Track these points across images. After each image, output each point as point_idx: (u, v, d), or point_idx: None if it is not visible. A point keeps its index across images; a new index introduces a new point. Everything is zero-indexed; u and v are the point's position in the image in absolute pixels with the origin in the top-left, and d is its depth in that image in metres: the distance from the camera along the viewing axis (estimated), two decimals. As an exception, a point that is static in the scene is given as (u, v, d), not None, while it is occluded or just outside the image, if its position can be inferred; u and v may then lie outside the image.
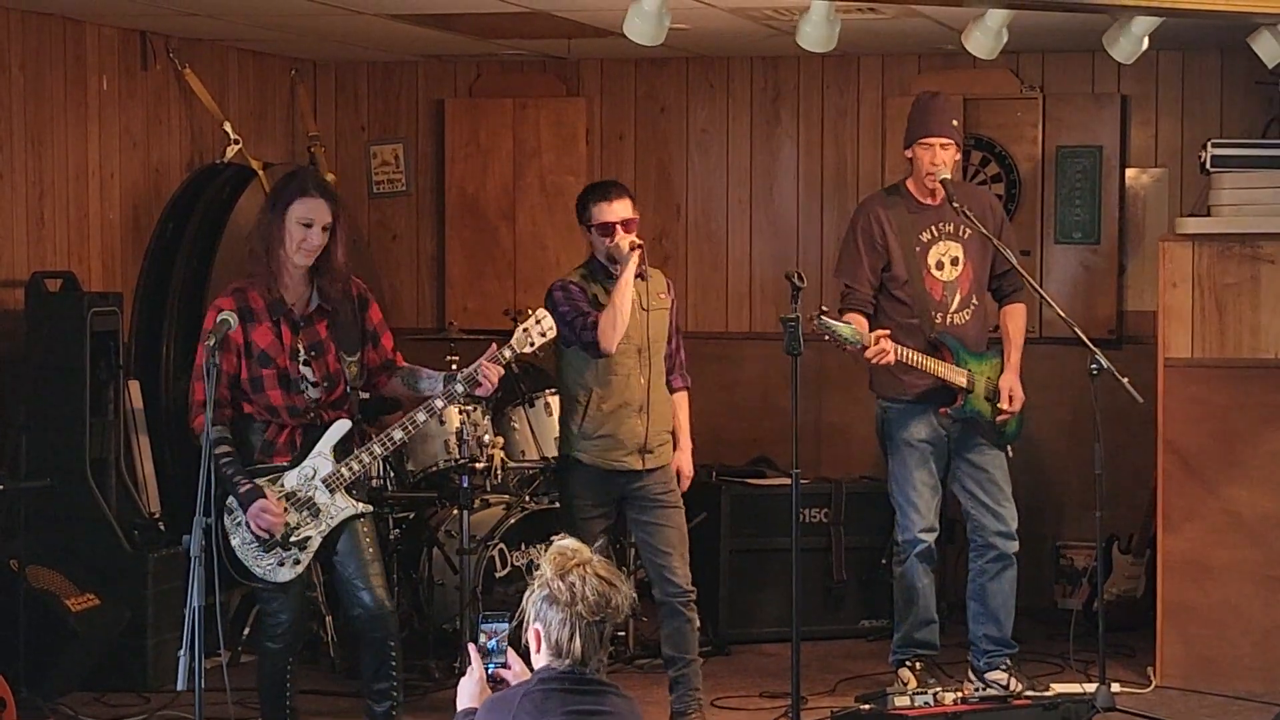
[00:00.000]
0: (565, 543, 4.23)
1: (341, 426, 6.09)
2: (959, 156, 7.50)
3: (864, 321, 7.13)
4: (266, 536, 5.96)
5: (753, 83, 9.43)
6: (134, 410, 8.04)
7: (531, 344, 6.28)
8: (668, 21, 6.26)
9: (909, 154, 7.33)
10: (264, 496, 5.93)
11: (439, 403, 6.17)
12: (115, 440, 7.66)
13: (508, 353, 6.22)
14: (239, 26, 8.35)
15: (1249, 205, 7.64)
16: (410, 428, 6.15)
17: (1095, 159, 9.00)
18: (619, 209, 6.67)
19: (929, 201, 7.33)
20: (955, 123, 7.37)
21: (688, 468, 6.95)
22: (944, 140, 7.23)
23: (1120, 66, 8.14)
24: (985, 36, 6.37)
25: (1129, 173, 9.02)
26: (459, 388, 6.14)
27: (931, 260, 7.30)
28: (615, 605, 4.11)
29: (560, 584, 4.09)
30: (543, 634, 4.10)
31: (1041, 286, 7.67)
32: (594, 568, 4.12)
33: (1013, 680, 7.29)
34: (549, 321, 6.30)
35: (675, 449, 6.91)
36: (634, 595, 4.26)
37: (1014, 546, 7.37)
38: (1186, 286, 7.59)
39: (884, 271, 7.28)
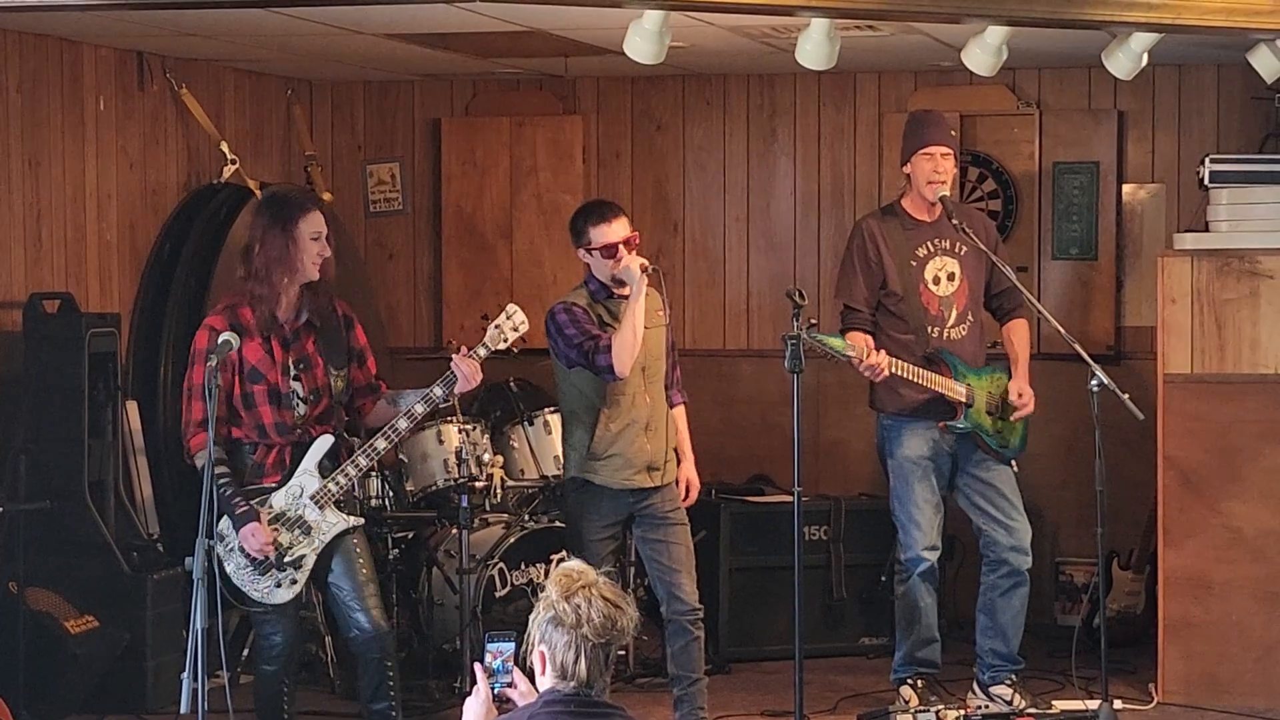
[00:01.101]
0: (571, 564, 4.22)
1: (325, 442, 6.09)
2: (956, 170, 7.52)
3: (867, 339, 7.13)
4: (260, 559, 5.96)
5: (749, 100, 9.42)
6: (132, 431, 8.02)
7: (505, 340, 6.28)
8: (668, 39, 6.26)
9: (907, 169, 7.34)
10: (258, 519, 5.92)
11: (420, 408, 6.15)
12: (114, 462, 7.64)
13: (482, 351, 6.22)
14: (235, 47, 8.34)
15: (1247, 220, 7.65)
16: (392, 436, 6.13)
17: (1092, 174, 9.00)
18: (619, 228, 6.62)
19: (925, 218, 7.35)
20: (953, 133, 7.41)
21: (695, 479, 6.95)
22: (944, 149, 7.26)
23: (1117, 82, 8.14)
24: (985, 53, 6.38)
25: (1126, 188, 9.03)
26: (437, 391, 6.13)
27: (928, 275, 7.32)
28: (621, 627, 4.10)
29: (565, 606, 4.07)
30: (548, 656, 4.09)
31: (1039, 302, 7.67)
32: (599, 589, 4.11)
33: (1017, 696, 7.28)
34: (520, 316, 6.29)
35: (679, 463, 6.91)
36: (639, 616, 4.24)
37: (1027, 562, 7.36)
38: (1185, 302, 7.59)
39: (880, 289, 7.30)
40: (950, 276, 7.35)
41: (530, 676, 4.25)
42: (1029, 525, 7.42)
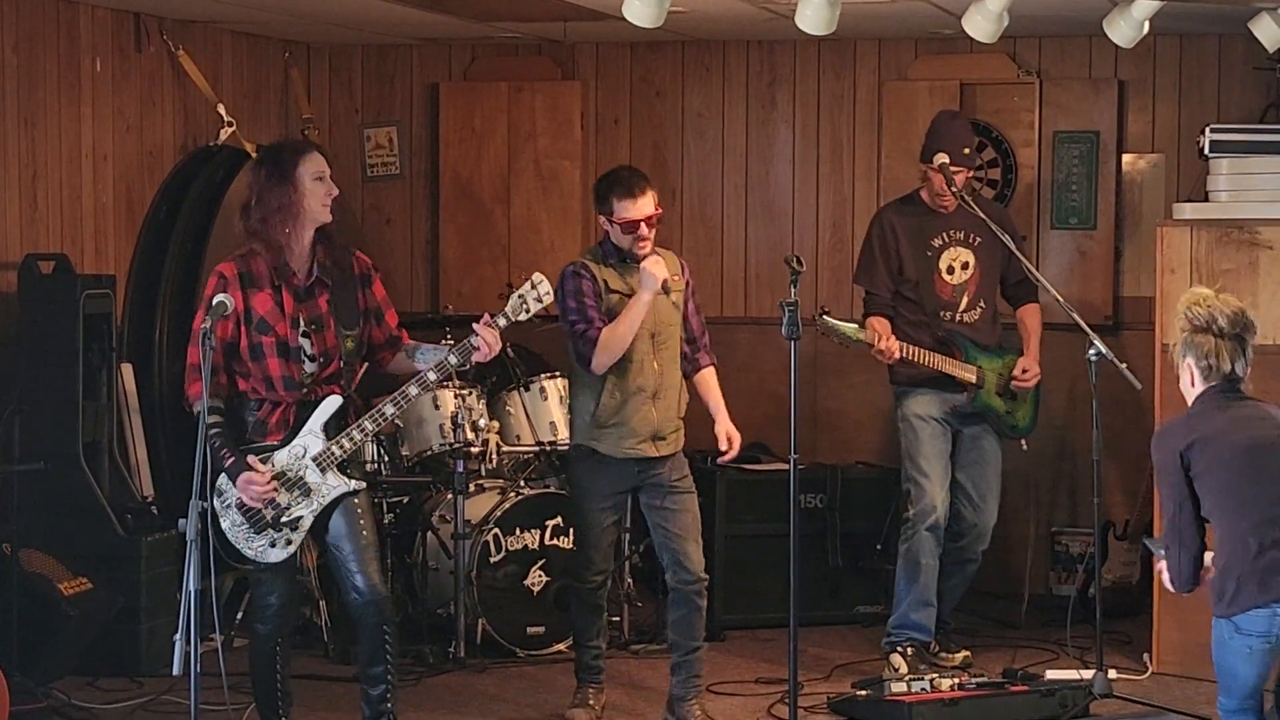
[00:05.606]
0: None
1: (332, 403, 6.02)
2: (970, 174, 7.70)
3: (886, 324, 7.42)
4: (255, 510, 5.90)
5: (749, 67, 9.39)
6: (127, 393, 8.00)
7: (527, 310, 6.16)
8: (668, 4, 6.23)
9: (924, 166, 7.56)
10: (249, 468, 5.87)
11: (431, 375, 6.07)
12: (108, 424, 7.63)
13: (502, 320, 6.12)
14: (233, 8, 8.30)
15: (1247, 191, 7.65)
16: (402, 402, 6.06)
17: (1092, 144, 8.98)
18: (644, 205, 6.57)
19: (941, 209, 7.59)
20: (966, 150, 7.59)
21: (735, 432, 6.86)
22: (953, 167, 7.45)
23: (1118, 51, 8.13)
24: (986, 19, 6.36)
25: (1126, 158, 9.00)
26: (453, 359, 6.06)
27: (943, 265, 7.59)
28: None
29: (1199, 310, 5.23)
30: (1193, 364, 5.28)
31: (1038, 272, 7.72)
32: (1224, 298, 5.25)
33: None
34: (545, 287, 6.18)
35: (714, 422, 6.84)
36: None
37: (983, 546, 7.64)
38: (1184, 272, 7.58)
39: (898, 274, 7.57)
40: (964, 266, 7.61)
41: None
42: (996, 512, 7.62)
